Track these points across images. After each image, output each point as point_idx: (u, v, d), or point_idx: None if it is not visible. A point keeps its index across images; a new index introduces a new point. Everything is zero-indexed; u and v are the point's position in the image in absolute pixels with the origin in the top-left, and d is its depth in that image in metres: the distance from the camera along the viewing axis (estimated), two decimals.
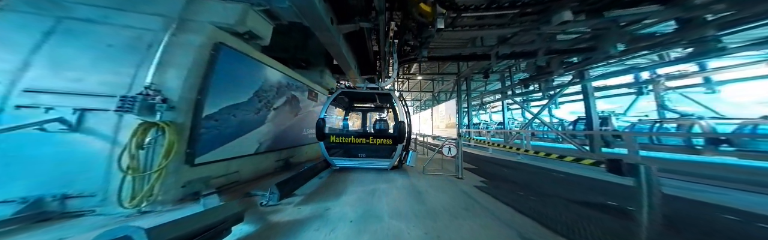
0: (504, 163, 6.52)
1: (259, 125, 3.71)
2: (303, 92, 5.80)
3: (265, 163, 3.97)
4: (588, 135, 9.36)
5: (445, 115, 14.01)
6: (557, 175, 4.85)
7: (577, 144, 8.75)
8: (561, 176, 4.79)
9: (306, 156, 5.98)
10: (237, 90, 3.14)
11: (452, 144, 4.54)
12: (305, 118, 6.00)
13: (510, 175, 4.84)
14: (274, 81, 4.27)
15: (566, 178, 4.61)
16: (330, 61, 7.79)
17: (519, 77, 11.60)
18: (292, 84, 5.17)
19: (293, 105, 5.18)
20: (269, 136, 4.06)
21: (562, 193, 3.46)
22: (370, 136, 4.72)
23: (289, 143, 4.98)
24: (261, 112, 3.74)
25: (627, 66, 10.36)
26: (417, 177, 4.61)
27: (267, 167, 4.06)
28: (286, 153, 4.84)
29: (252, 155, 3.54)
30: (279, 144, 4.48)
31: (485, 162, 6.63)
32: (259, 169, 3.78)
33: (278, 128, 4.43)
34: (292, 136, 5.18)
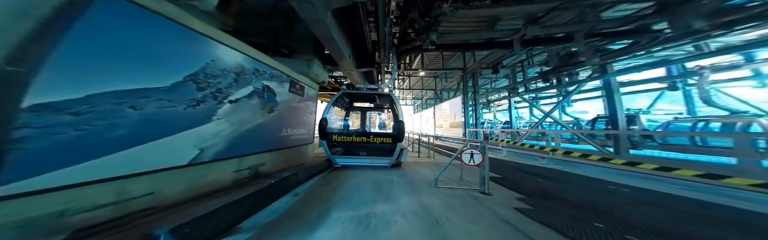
0: (529, 168, 5.30)
1: (200, 123, 2.50)
2: (282, 83, 4.58)
3: (211, 176, 2.76)
4: (611, 135, 8.15)
5: (449, 114, 12.79)
6: (623, 191, 3.57)
7: (598, 145, 7.52)
8: (626, 192, 3.53)
9: (286, 162, 4.77)
10: (145, 68, 1.93)
11: (474, 149, 3.31)
12: (287, 115, 4.79)
13: (554, 189, 3.60)
14: (231, 64, 3.05)
15: (643, 197, 3.30)
16: (320, 50, 6.58)
17: (533, 72, 10.37)
18: (266, 72, 3.96)
19: (267, 98, 3.97)
20: (222, 138, 2.85)
21: (680, 229, 2.19)
22: (370, 135, 4.68)
23: (259, 147, 3.77)
24: (203, 105, 2.52)
25: (657, 58, 9.12)
26: (428, 192, 3.40)
27: (216, 182, 2.84)
28: (253, 160, 3.62)
29: (184, 167, 2.32)
30: (241, 149, 3.27)
31: (505, 168, 5.40)
32: (198, 186, 2.57)
33: (240, 128, 3.21)
34: (265, 137, 3.97)
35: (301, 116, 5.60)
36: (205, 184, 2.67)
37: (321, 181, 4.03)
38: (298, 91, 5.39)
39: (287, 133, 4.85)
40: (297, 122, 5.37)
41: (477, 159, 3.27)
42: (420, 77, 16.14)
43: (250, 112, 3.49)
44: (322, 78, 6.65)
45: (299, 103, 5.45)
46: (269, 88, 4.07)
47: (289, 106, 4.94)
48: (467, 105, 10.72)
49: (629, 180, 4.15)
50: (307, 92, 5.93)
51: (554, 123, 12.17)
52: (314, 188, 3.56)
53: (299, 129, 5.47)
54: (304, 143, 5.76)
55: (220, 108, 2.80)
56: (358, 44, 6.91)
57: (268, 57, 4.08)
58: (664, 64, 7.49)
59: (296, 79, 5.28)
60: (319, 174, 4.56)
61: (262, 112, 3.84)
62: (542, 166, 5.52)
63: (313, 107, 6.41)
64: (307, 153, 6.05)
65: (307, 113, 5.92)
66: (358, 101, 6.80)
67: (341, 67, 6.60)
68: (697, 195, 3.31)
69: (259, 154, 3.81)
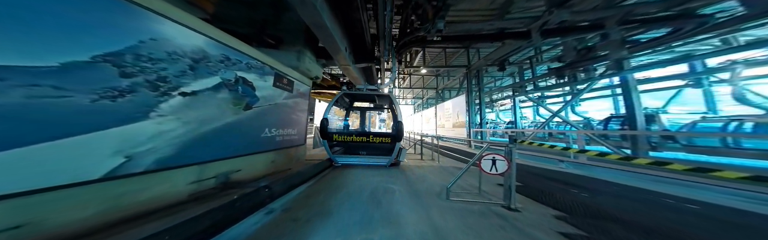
0: (548, 174, 4.57)
1: (127, 121, 1.79)
2: (264, 76, 3.87)
3: (154, 190, 2.06)
4: (628, 136, 7.41)
5: (451, 113, 12.06)
6: (691, 208, 2.80)
7: (612, 146, 6.78)
8: (697, 209, 2.77)
9: (270, 167, 4.06)
10: (10, 35, 1.22)
11: (497, 154, 2.60)
12: (271, 113, 4.09)
13: (596, 203, 2.86)
14: (186, 47, 2.35)
15: (727, 216, 2.54)
16: (313, 43, 5.87)
17: (541, 70, 9.63)
18: (240, 61, 3.25)
19: (242, 93, 3.26)
20: (169, 140, 2.14)
21: None
22: (370, 135, 4.68)
23: (231, 151, 3.06)
24: (131, 97, 1.81)
25: (678, 53, 8.36)
26: (438, 207, 2.71)
27: (161, 197, 2.14)
28: (221, 167, 2.91)
29: (97, 182, 1.61)
30: (202, 153, 2.57)
31: (521, 173, 4.66)
32: (128, 206, 1.86)
33: (200, 127, 2.51)
34: (240, 139, 3.26)
35: (290, 114, 4.89)
36: (143, 202, 1.96)
37: (307, 191, 3.32)
38: (286, 86, 4.68)
39: (271, 133, 4.13)
40: (284, 121, 4.66)
41: (501, 166, 2.55)
42: (421, 75, 15.41)
43: (217, 108, 2.78)
44: (316, 73, 5.94)
45: (287, 100, 4.74)
46: (245, 80, 3.36)
47: (275, 103, 4.23)
48: (472, 104, 9.99)
49: (683, 191, 3.41)
50: (298, 88, 5.22)
51: (563, 123, 11.44)
52: (296, 201, 2.85)
53: (287, 129, 4.76)
54: (293, 145, 5.05)
55: (164, 102, 2.09)
56: (356, 37, 6.20)
57: (243, 44, 3.37)
58: (686, 60, 6.75)
59: (283, 72, 4.57)
60: (306, 182, 3.86)
61: (235, 109, 3.13)
62: (563, 171, 4.79)
63: (305, 105, 5.70)
64: (298, 156, 5.34)
65: (297, 111, 5.21)
66: (358, 101, 6.75)
67: (337, 61, 5.90)
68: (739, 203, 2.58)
69: (231, 160, 3.10)
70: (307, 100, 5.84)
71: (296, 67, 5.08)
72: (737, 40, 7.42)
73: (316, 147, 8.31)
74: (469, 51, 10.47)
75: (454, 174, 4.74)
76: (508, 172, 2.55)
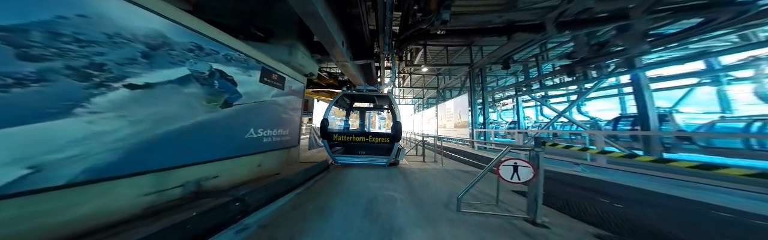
0: (565, 178, 4.08)
1: (38, 120, 1.31)
2: (248, 71, 3.39)
3: (90, 205, 1.59)
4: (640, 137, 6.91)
5: (453, 113, 11.57)
6: (757, 225, 2.29)
7: (623, 147, 6.29)
8: (762, 225, 2.26)
9: (255, 172, 3.58)
10: None
11: (520, 159, 2.11)
12: (257, 111, 3.61)
13: (637, 217, 2.36)
14: (138, 30, 1.88)
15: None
16: (307, 37, 5.39)
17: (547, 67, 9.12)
18: (217, 52, 2.77)
19: (219, 88, 2.79)
20: (109, 144, 1.67)
21: None
22: (369, 135, 4.68)
23: (204, 155, 2.59)
24: (44, 88, 1.33)
25: (693, 50, 7.84)
26: (448, 220, 2.27)
27: (100, 213, 1.66)
28: (191, 173, 2.44)
29: None
30: (163, 158, 2.09)
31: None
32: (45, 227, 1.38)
33: (157, 127, 2.03)
34: (217, 140, 2.78)
35: (281, 113, 4.41)
36: (67, 223, 1.48)
37: (295, 201, 2.84)
38: (276, 82, 4.20)
39: (258, 134, 3.66)
40: (274, 120, 4.18)
41: (525, 174, 2.07)
42: (422, 74, 14.94)
43: (183, 104, 2.30)
44: (310, 69, 5.46)
45: (277, 98, 4.26)
46: (224, 74, 2.88)
47: (262, 101, 3.76)
48: (474, 103, 9.50)
49: (731, 200, 2.90)
50: (290, 85, 4.74)
51: (568, 123, 10.94)
52: (279, 215, 2.37)
53: (278, 129, 4.28)
54: (285, 147, 4.57)
55: (100, 95, 1.61)
56: (353, 32, 5.73)
57: (222, 33, 2.89)
58: (705, 57, 6.24)
59: (272, 67, 4.09)
60: (296, 188, 3.38)
61: (210, 106, 2.65)
62: (579, 175, 4.29)
63: (299, 103, 5.22)
64: (291, 158, 4.87)
65: (289, 110, 4.74)
66: (358, 102, 6.77)
67: (333, 56, 5.41)
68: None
69: (206, 165, 2.62)
70: (302, 98, 5.37)
71: (288, 62, 4.60)
72: (756, 36, 6.91)
73: (313, 148, 7.84)
74: (472, 49, 9.98)
75: (460, 178, 4.26)
76: (534, 180, 2.06)
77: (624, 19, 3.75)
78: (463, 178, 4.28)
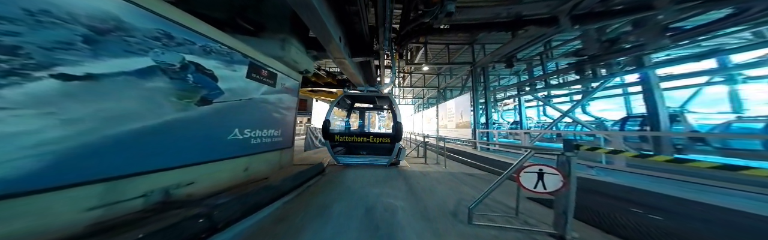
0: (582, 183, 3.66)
1: None
2: (231, 65, 3.02)
3: None
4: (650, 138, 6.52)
5: (454, 113, 11.18)
6: None
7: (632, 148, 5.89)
8: None
9: (240, 177, 3.20)
10: None
11: (546, 165, 1.72)
12: (242, 109, 3.24)
13: (688, 234, 1.95)
14: (75, 9, 1.50)
15: None
16: (302, 32, 5.01)
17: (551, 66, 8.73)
18: (193, 42, 2.40)
19: (195, 82, 2.41)
20: (29, 149, 1.30)
21: None
22: (370, 136, 4.65)
23: (174, 159, 2.21)
24: None
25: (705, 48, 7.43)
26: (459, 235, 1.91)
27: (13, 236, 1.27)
28: (157, 181, 2.06)
29: None
30: (112, 165, 1.72)
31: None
32: None
33: (107, 128, 1.65)
34: (191, 142, 2.40)
35: (271, 112, 4.04)
36: None
37: (282, 210, 2.46)
38: (266, 79, 3.83)
39: (244, 135, 3.28)
40: (264, 120, 3.81)
41: (552, 183, 1.68)
42: (422, 74, 14.55)
43: (144, 101, 1.92)
44: (306, 66, 5.08)
45: (268, 95, 3.89)
46: (201, 67, 2.50)
47: (249, 98, 3.38)
48: (477, 103, 9.11)
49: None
50: (282, 82, 4.36)
51: (572, 123, 10.54)
52: (260, 229, 1.98)
53: (268, 129, 3.91)
54: (276, 148, 4.19)
55: (10, 87, 1.23)
56: (351, 27, 5.35)
57: (199, 21, 2.51)
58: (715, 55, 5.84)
59: (261, 62, 3.71)
60: (286, 195, 2.99)
61: (181, 104, 2.27)
62: (595, 179, 3.89)
63: (293, 102, 4.85)
64: (283, 161, 4.49)
65: (281, 109, 4.36)
66: (359, 103, 6.72)
67: (330, 52, 5.03)
68: None
69: (176, 170, 2.24)
70: (296, 96, 4.99)
71: (280, 57, 4.22)
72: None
73: (309, 149, 7.46)
74: (474, 47, 9.60)
75: (467, 182, 3.86)
76: (564, 190, 1.68)
77: (647, 10, 3.37)
78: (470, 183, 3.89)
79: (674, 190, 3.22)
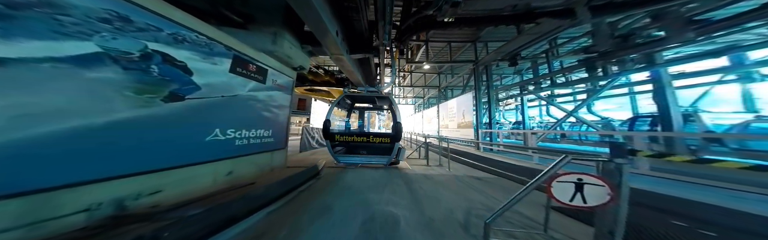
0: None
1: None
2: (210, 57, 2.64)
3: None
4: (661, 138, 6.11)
5: (456, 113, 10.77)
6: None
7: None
8: None
9: (218, 183, 2.81)
10: None
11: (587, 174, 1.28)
12: (225, 107, 2.86)
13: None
14: None
15: None
16: (296, 26, 4.62)
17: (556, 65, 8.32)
18: (155, 28, 2.02)
19: (158, 75, 2.02)
20: None
21: None
22: (370, 136, 4.65)
23: (131, 165, 1.82)
24: None
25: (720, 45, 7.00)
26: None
27: None
28: (107, 191, 1.67)
29: None
30: (43, 174, 1.32)
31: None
32: None
33: (25, 127, 1.26)
34: (155, 145, 2.02)
35: (261, 111, 3.65)
36: None
37: (265, 223, 2.08)
38: (254, 74, 3.44)
39: (227, 135, 2.89)
40: (251, 119, 3.43)
41: (595, 196, 1.28)
42: (423, 73, 14.16)
43: (84, 94, 1.54)
44: (300, 62, 4.69)
45: (257, 92, 3.50)
46: (169, 58, 2.12)
47: (233, 95, 3.00)
48: (479, 102, 8.70)
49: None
50: (274, 78, 3.98)
51: (577, 123, 10.12)
52: None
53: (256, 129, 3.53)
54: (266, 150, 3.81)
55: None
56: (349, 22, 4.97)
57: (167, 5, 2.13)
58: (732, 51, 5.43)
59: (248, 56, 3.33)
60: (273, 202, 2.60)
61: (141, 99, 1.88)
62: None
63: (286, 100, 4.47)
64: (275, 163, 4.11)
65: (272, 107, 3.98)
66: (359, 103, 6.71)
67: (326, 48, 4.64)
68: None
69: (135, 177, 1.86)
70: (290, 94, 4.61)
71: (271, 51, 3.84)
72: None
73: (305, 150, 7.07)
74: (477, 45, 9.20)
75: (475, 187, 3.47)
76: (612, 205, 1.27)
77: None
78: (477, 187, 3.50)
79: (708, 197, 2.81)
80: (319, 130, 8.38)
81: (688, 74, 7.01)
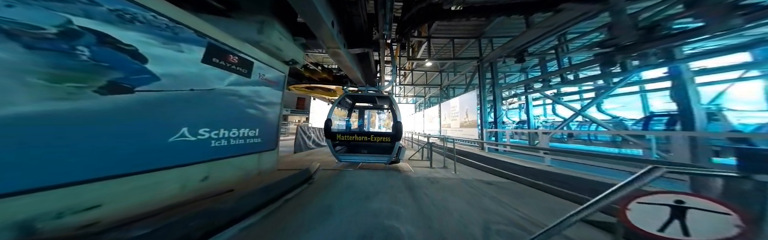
0: None
1: None
2: (175, 43, 2.17)
3: None
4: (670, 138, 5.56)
5: (459, 112, 10.25)
6: None
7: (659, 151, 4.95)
8: None
9: (186, 192, 2.34)
10: None
11: (697, 196, 0.74)
12: (197, 102, 2.39)
13: None
14: None
15: None
16: (286, 14, 4.13)
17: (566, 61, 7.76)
18: (96, 3, 1.53)
19: (90, 59, 1.54)
20: None
21: None
22: (371, 135, 4.66)
23: (40, 177, 1.34)
24: None
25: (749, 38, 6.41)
26: None
27: None
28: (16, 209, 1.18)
29: None
30: None
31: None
32: None
33: None
34: (86, 147, 1.54)
35: (243, 108, 3.18)
36: None
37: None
38: (236, 66, 2.97)
39: (199, 135, 2.42)
40: (232, 117, 2.96)
41: (710, 226, 0.76)
42: (424, 71, 13.63)
43: None
44: (293, 55, 4.21)
45: (238, 87, 3.03)
46: (110, 39, 1.64)
47: (208, 89, 2.53)
48: (484, 100, 8.18)
49: None
50: (261, 72, 3.51)
51: (585, 123, 9.55)
52: None
53: (238, 128, 3.06)
54: (251, 151, 3.34)
55: None
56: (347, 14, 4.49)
57: None
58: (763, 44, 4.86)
59: (228, 45, 2.85)
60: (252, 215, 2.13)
61: (59, 89, 1.41)
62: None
63: (277, 97, 4.00)
64: (261, 166, 3.64)
65: (260, 104, 3.51)
66: (360, 102, 6.67)
67: (321, 40, 4.16)
68: None
69: (52, 191, 1.39)
70: (281, 90, 4.13)
71: (257, 42, 3.36)
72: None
73: (301, 151, 6.61)
74: (481, 41, 8.67)
75: (487, 194, 2.97)
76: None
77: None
78: (491, 194, 3.00)
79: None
80: (315, 129, 7.93)
81: (710, 70, 6.42)
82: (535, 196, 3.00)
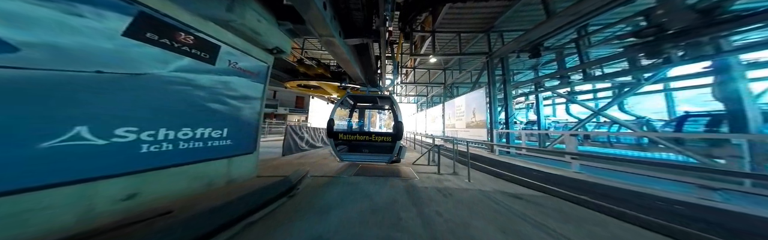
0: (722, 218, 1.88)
1: None
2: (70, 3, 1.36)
3: None
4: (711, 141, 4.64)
5: (465, 111, 9.37)
6: None
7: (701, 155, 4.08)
8: None
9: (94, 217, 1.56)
10: None
11: None
12: (115, 90, 1.61)
13: None
14: None
15: None
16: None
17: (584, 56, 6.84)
18: None
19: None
20: None
21: None
22: (372, 135, 4.60)
23: None
24: None
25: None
26: None
27: None
28: None
29: None
30: None
31: (659, 214, 1.93)
32: None
33: None
34: None
35: (204, 102, 2.40)
36: None
37: None
38: (191, 48, 2.20)
39: (111, 138, 1.65)
40: (185, 113, 2.19)
41: None
42: (427, 69, 12.76)
43: None
44: (277, 43, 3.43)
45: (195, 75, 2.26)
46: None
47: (137, 74, 1.75)
48: (494, 99, 7.29)
49: None
50: (232, 59, 2.74)
51: (605, 123, 8.58)
52: None
53: (195, 127, 2.28)
54: (217, 157, 2.57)
55: None
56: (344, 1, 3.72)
57: None
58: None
59: (176, 19, 2.08)
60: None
61: None
62: (731, 210, 2.06)
63: (256, 90, 3.22)
64: (232, 174, 2.85)
65: (230, 98, 2.74)
66: (361, 103, 6.47)
67: (311, 25, 3.38)
68: None
69: None
70: (262, 83, 3.36)
71: (225, 21, 2.58)
72: None
73: (291, 153, 5.83)
74: (490, 35, 7.81)
75: (518, 213, 2.14)
76: None
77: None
78: (524, 214, 2.16)
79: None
80: (310, 129, 7.18)
81: (763, 64, 5.43)
82: (590, 219, 2.14)
